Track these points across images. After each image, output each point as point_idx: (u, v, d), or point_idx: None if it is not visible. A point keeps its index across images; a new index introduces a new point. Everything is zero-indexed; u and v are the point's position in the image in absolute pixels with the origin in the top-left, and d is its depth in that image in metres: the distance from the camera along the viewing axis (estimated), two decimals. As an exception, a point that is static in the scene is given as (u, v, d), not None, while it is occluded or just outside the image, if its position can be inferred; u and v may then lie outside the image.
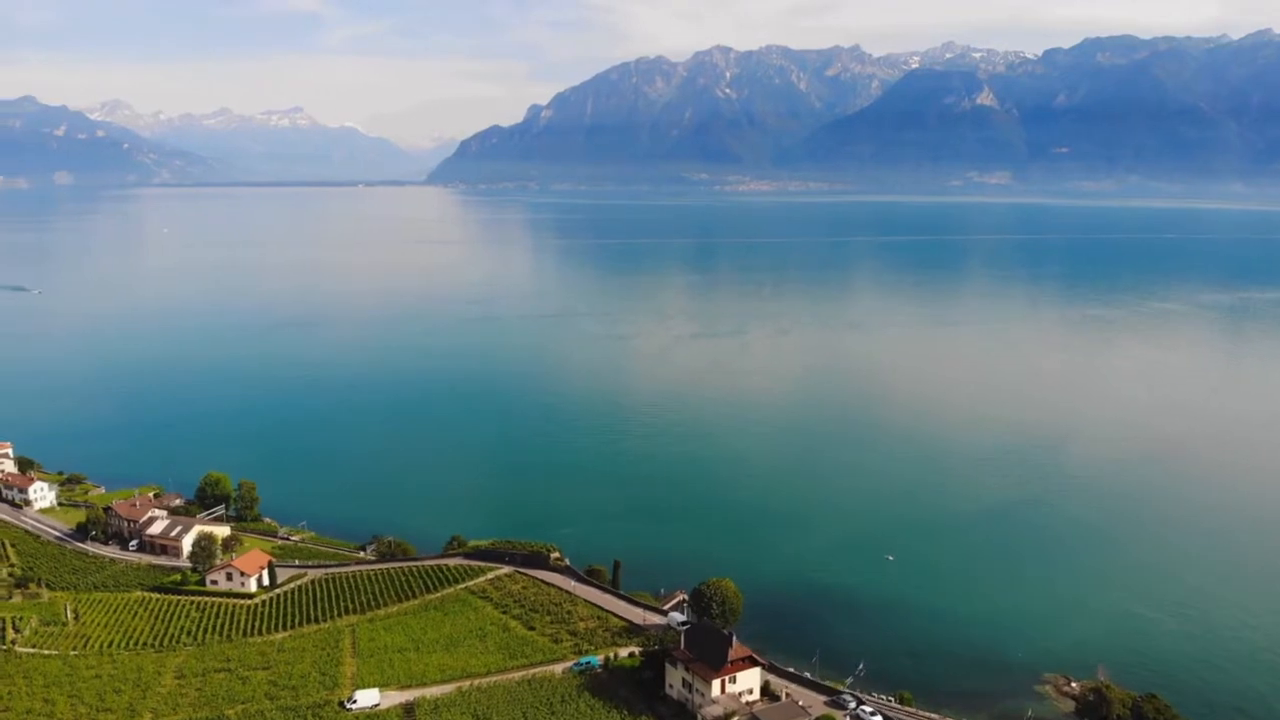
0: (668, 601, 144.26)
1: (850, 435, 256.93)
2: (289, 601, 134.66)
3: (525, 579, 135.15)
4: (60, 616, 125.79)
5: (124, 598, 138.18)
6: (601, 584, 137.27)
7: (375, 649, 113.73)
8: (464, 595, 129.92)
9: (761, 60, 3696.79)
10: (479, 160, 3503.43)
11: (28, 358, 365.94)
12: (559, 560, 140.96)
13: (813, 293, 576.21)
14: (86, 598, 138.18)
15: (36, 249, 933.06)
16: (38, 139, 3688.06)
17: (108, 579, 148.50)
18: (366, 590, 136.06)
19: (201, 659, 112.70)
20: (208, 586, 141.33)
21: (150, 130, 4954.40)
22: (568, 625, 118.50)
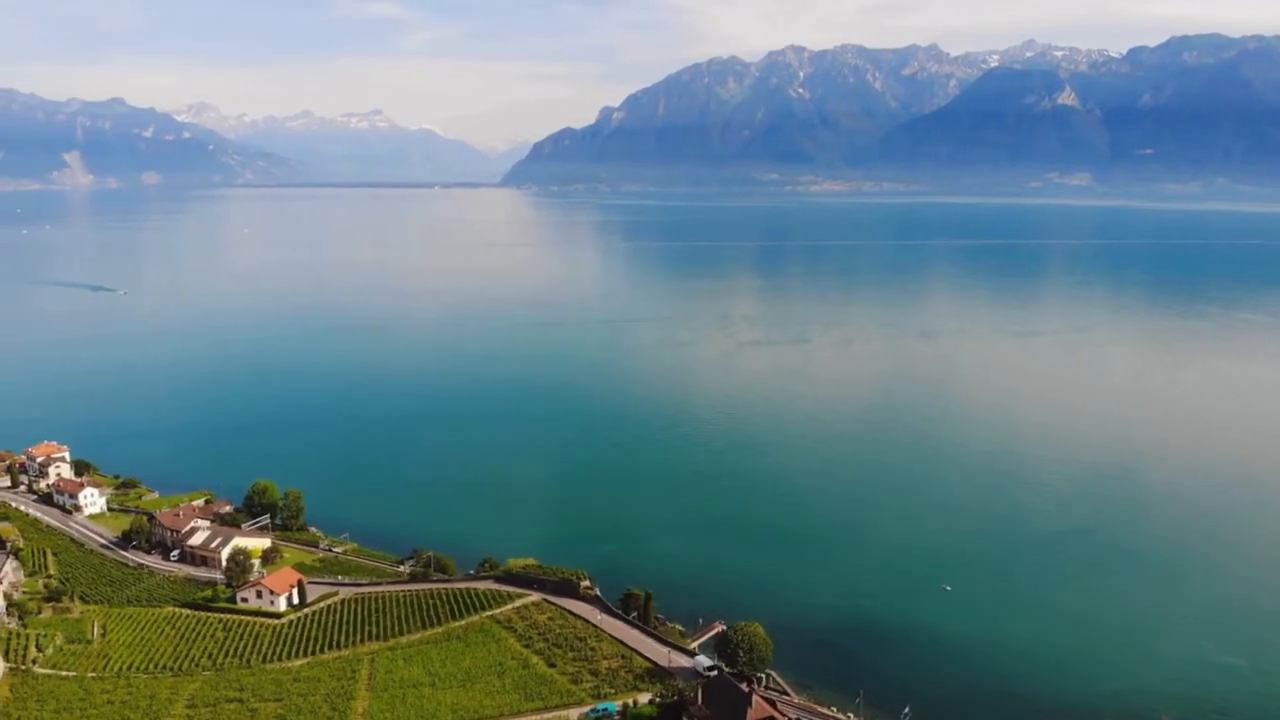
0: (707, 632, 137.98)
1: (912, 452, 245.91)
2: (315, 623, 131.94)
3: (552, 609, 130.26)
4: (86, 634, 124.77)
5: (154, 614, 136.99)
6: (629, 618, 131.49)
7: (391, 682, 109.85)
8: (488, 624, 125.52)
9: (836, 59, 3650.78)
10: (551, 162, 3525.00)
11: (101, 359, 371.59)
12: (589, 589, 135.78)
13: (881, 299, 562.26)
14: (118, 612, 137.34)
15: (125, 249, 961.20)
16: (127, 140, 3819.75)
17: (142, 592, 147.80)
18: (393, 614, 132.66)
19: (216, 686, 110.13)
20: (238, 604, 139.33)
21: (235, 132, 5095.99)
22: (590, 664, 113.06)
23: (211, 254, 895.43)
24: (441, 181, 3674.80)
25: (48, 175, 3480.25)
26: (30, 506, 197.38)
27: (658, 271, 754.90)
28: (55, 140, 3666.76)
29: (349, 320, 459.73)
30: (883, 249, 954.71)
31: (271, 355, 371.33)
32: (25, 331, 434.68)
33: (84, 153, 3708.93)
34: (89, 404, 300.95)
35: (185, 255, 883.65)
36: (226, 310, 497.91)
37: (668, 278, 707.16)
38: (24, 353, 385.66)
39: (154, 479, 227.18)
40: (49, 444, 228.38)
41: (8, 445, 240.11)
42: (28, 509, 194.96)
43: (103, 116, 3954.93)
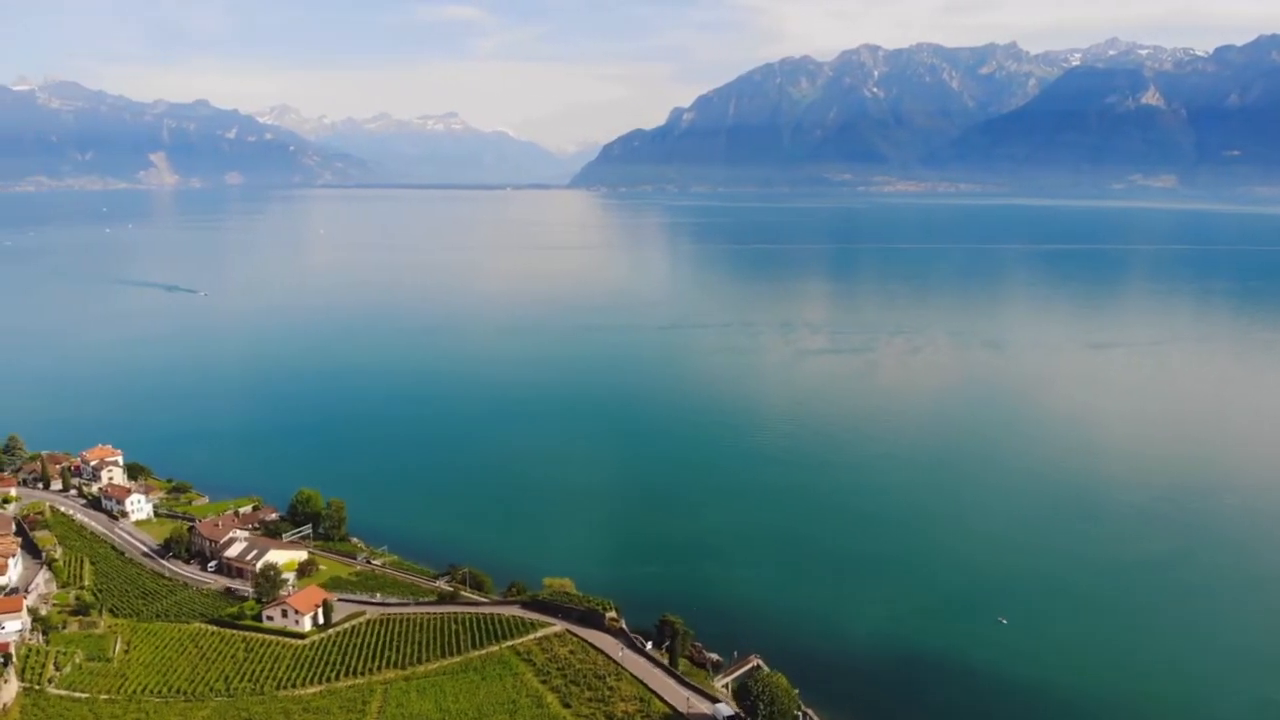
0: (741, 666, 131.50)
1: (973, 472, 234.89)
2: (335, 647, 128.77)
3: (575, 641, 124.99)
4: (107, 652, 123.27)
5: (179, 631, 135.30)
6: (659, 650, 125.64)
7: (400, 716, 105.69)
8: (508, 655, 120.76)
9: (912, 58, 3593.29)
10: (621, 163, 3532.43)
11: (172, 361, 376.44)
12: (614, 621, 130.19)
13: (950, 305, 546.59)
14: (145, 628, 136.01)
15: (207, 249, 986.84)
16: (211, 141, 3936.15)
17: (171, 606, 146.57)
18: (414, 640, 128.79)
19: (225, 715, 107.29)
20: (263, 623, 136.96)
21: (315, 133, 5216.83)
22: (606, 705, 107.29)
23: (288, 255, 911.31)
24: (512, 183, 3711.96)
25: (135, 175, 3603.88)
26: (79, 511, 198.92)
27: (721, 275, 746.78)
28: (142, 141, 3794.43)
29: (411, 323, 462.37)
30: (956, 253, 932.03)
31: (332, 360, 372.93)
32: (102, 332, 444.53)
33: (170, 153, 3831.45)
34: (152, 406, 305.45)
35: (264, 256, 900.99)
36: (296, 313, 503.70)
37: (730, 282, 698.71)
38: (96, 353, 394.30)
39: (206, 483, 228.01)
40: (103, 447, 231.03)
41: (67, 447, 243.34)
42: (76, 514, 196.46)
43: (188, 118, 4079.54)
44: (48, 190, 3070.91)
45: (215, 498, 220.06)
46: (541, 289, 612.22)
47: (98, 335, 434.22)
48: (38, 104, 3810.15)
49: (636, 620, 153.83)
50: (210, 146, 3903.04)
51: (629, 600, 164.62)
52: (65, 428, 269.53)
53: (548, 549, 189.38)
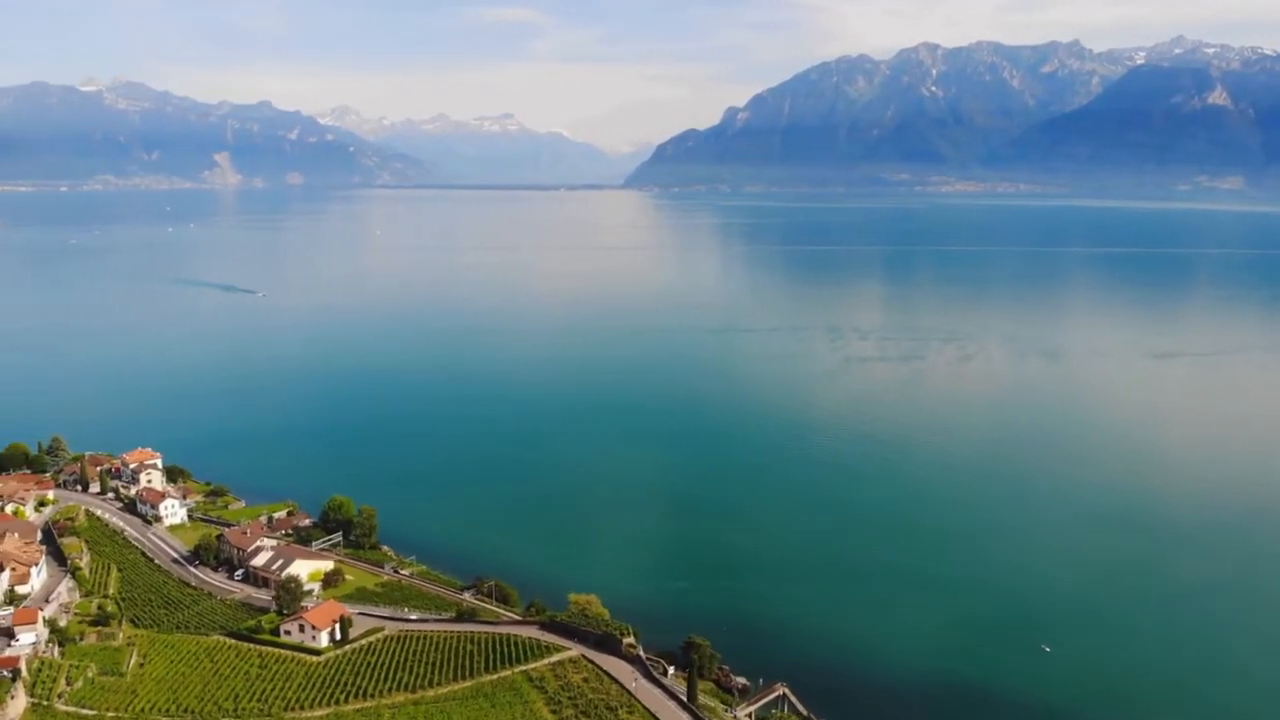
0: (767, 694, 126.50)
1: (1021, 489, 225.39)
2: (349, 665, 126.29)
3: (589, 668, 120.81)
4: (122, 665, 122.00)
5: (197, 643, 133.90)
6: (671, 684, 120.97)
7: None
8: (519, 681, 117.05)
9: (971, 56, 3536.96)
10: (674, 163, 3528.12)
11: (224, 362, 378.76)
12: (631, 648, 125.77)
13: (1006, 311, 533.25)
14: (164, 640, 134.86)
15: (267, 249, 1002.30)
16: (273, 142, 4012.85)
17: (193, 617, 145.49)
18: (428, 660, 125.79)
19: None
20: (281, 637, 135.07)
21: (374, 134, 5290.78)
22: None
23: (344, 256, 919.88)
24: (566, 184, 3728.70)
25: (199, 175, 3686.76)
26: (114, 515, 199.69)
27: (770, 277, 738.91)
28: (207, 141, 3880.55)
29: (458, 325, 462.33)
30: (1015, 255, 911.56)
31: (379, 363, 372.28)
32: (156, 332, 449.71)
33: (233, 153, 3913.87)
34: (198, 407, 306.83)
35: (322, 257, 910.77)
36: (348, 315, 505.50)
37: (779, 284, 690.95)
38: (149, 353, 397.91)
39: (243, 487, 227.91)
40: (143, 450, 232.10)
41: (110, 447, 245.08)
42: (111, 518, 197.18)
43: (251, 119, 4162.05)
44: (114, 189, 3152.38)
45: (252, 502, 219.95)
46: (588, 290, 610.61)
47: (152, 335, 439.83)
48: (105, 104, 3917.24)
49: (663, 639, 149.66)
50: (272, 147, 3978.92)
51: (657, 618, 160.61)
52: (110, 428, 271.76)
53: (578, 561, 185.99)
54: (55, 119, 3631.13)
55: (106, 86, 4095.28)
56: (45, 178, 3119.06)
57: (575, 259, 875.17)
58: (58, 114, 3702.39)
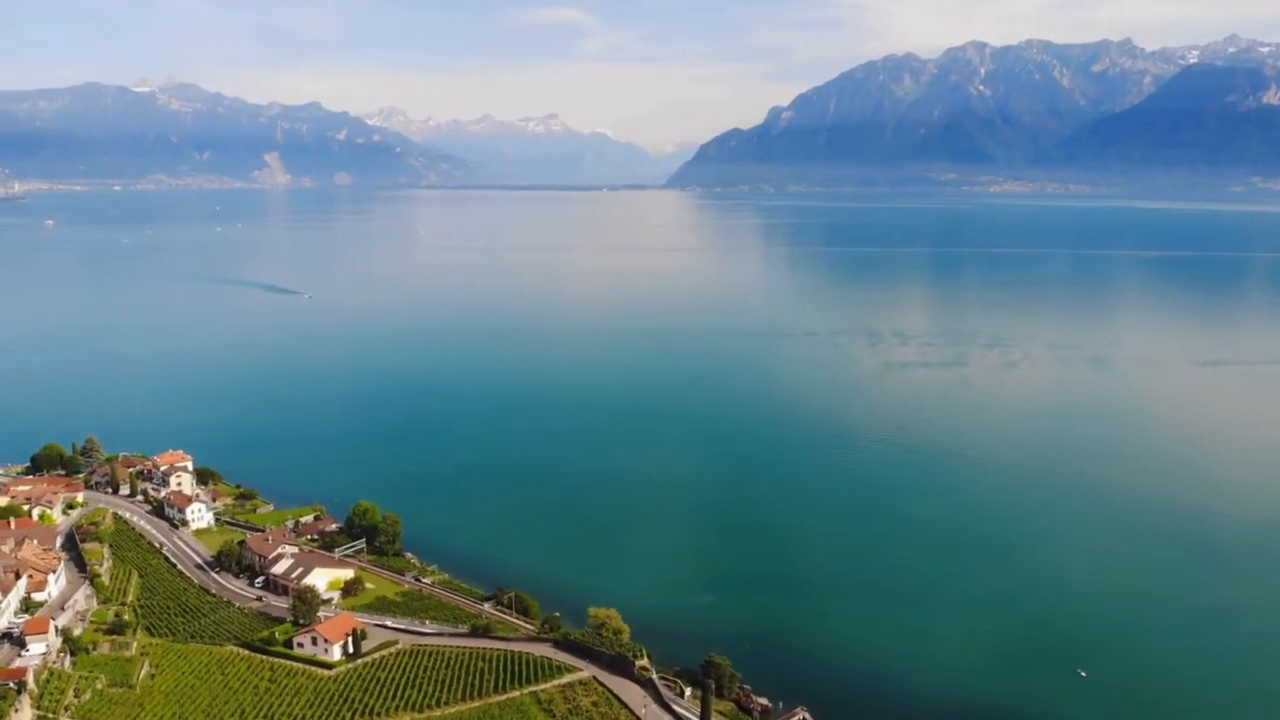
0: (786, 718, 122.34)
1: (1062, 505, 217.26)
2: (359, 680, 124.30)
3: (599, 691, 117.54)
4: (132, 677, 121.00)
5: (211, 654, 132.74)
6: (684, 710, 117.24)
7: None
8: (527, 703, 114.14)
9: (1020, 55, 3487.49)
10: (717, 163, 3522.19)
11: (263, 363, 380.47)
12: (644, 670, 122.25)
13: (1053, 315, 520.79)
14: (177, 650, 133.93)
15: (314, 250, 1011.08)
16: (322, 142, 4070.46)
17: (209, 626, 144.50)
18: (438, 677, 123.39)
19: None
20: (293, 649, 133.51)
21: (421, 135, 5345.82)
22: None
23: (388, 256, 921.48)
24: (609, 184, 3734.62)
25: (250, 174, 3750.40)
26: (142, 518, 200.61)
27: (810, 280, 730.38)
28: (257, 141, 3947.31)
29: (492, 328, 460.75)
30: (1064, 258, 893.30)
31: (414, 366, 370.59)
32: (198, 333, 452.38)
33: (283, 154, 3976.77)
34: (233, 409, 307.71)
35: (366, 256, 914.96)
36: (389, 316, 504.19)
37: (819, 287, 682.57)
38: (188, 354, 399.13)
39: (273, 490, 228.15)
40: (174, 453, 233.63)
41: (144, 448, 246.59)
42: (139, 521, 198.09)
43: (301, 120, 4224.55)
44: (167, 189, 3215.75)
45: (280, 505, 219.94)
46: (625, 293, 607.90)
47: (194, 336, 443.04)
48: (158, 105, 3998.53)
49: (684, 655, 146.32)
50: (321, 147, 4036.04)
51: (678, 633, 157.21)
52: (146, 428, 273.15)
53: (602, 571, 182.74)
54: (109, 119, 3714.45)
55: (160, 88, 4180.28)
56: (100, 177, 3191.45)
57: (613, 260, 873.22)
58: (112, 115, 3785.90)
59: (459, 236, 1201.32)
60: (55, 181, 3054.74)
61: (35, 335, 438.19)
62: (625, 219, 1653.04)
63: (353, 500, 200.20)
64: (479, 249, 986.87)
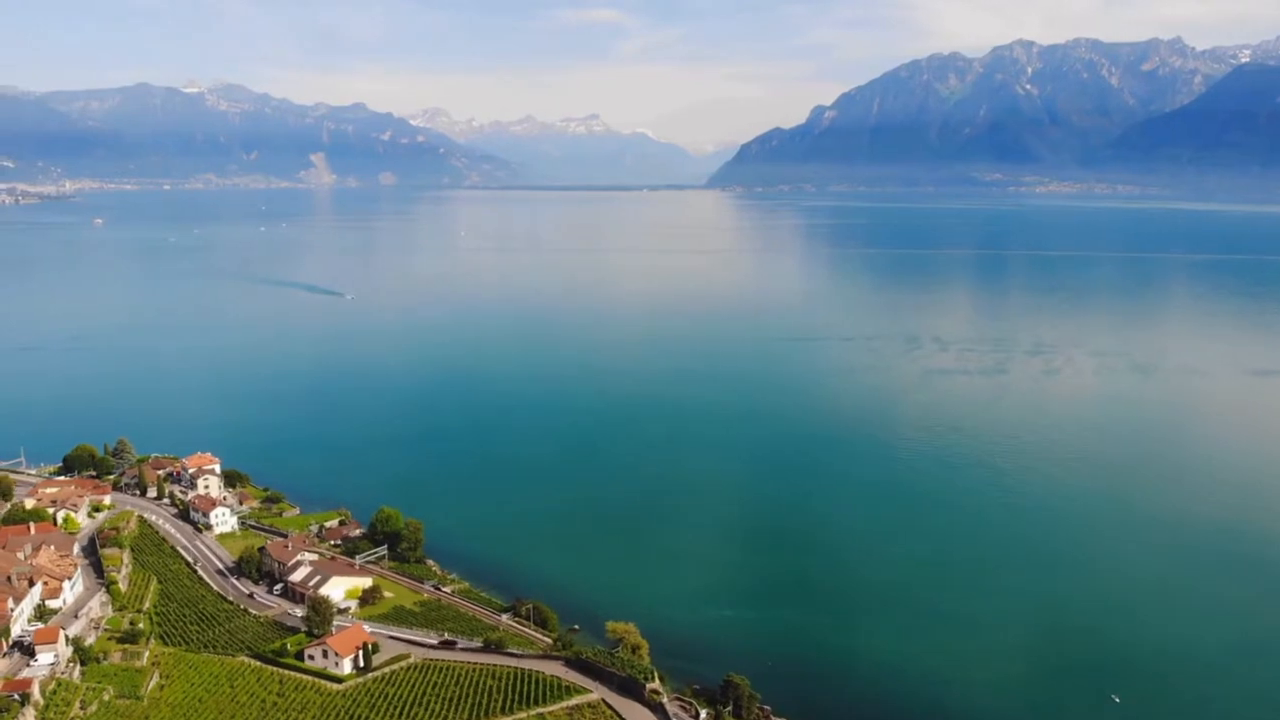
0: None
1: (1101, 518, 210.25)
2: (366, 697, 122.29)
3: (608, 715, 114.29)
4: (140, 688, 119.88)
5: (222, 665, 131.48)
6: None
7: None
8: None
9: (1068, 54, 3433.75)
10: (759, 163, 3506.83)
11: (297, 364, 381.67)
12: (655, 694, 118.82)
13: (1098, 321, 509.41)
14: (189, 659, 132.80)
15: (356, 250, 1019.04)
16: (367, 143, 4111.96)
17: (223, 635, 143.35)
18: (447, 695, 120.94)
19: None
20: (304, 662, 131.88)
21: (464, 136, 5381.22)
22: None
23: (428, 256, 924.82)
24: (648, 184, 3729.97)
25: (296, 174, 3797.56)
26: (167, 521, 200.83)
27: (849, 282, 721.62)
28: (304, 142, 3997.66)
29: (526, 331, 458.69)
30: (1109, 260, 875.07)
31: (446, 370, 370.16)
32: (237, 333, 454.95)
33: (329, 154, 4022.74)
34: (265, 411, 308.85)
35: (407, 257, 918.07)
36: (424, 319, 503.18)
37: (859, 290, 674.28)
38: (225, 355, 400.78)
39: (300, 494, 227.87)
40: (203, 455, 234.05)
41: (175, 450, 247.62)
42: (164, 524, 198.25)
43: (346, 120, 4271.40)
44: (215, 188, 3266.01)
45: (306, 509, 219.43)
46: (659, 296, 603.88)
47: (232, 336, 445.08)
48: (207, 106, 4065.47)
49: (703, 672, 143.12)
50: (366, 148, 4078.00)
51: (699, 649, 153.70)
52: (178, 430, 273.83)
53: (623, 582, 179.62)
54: (159, 120, 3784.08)
55: (208, 89, 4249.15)
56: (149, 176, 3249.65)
57: (649, 261, 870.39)
58: (161, 115, 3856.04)
59: (498, 237, 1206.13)
60: (106, 180, 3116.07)
61: (75, 334, 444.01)
62: (663, 219, 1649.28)
63: (378, 504, 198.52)
64: (517, 250, 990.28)
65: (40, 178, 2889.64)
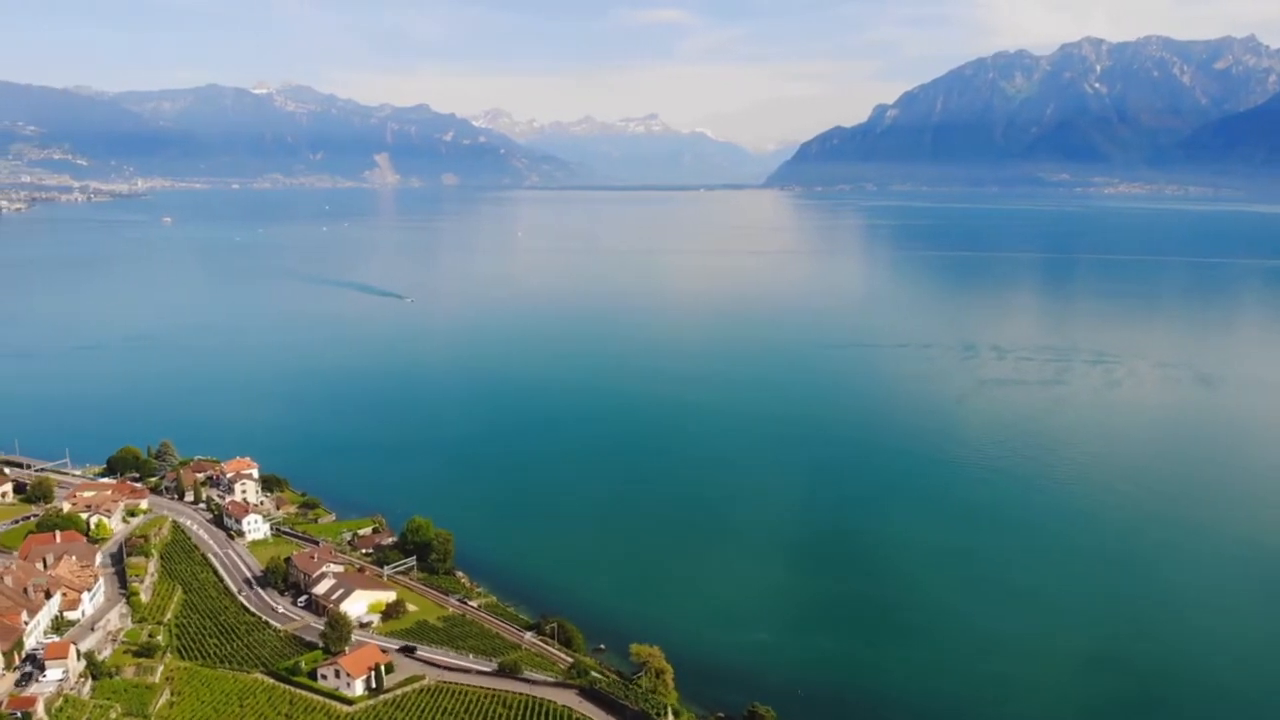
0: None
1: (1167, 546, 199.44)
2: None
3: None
4: (149, 706, 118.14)
5: (235, 682, 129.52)
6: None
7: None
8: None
9: (1138, 52, 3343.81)
10: (819, 162, 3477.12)
11: (349, 367, 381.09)
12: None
13: (1165, 330, 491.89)
14: (202, 675, 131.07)
15: (417, 250, 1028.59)
16: (430, 144, 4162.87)
17: (240, 649, 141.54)
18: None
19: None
20: (316, 681, 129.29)
21: (525, 136, 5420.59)
22: None
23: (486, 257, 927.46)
24: (706, 184, 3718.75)
25: (360, 174, 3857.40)
26: (201, 526, 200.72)
27: (907, 286, 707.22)
28: (368, 142, 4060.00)
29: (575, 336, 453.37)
30: (1179, 266, 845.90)
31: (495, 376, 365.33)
32: (292, 335, 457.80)
33: (392, 154, 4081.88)
34: (311, 414, 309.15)
35: (465, 258, 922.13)
36: (479, 323, 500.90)
37: (917, 294, 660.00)
38: (277, 357, 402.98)
39: (337, 499, 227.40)
40: (241, 459, 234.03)
41: (218, 453, 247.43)
42: (198, 529, 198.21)
43: (410, 121, 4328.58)
44: (282, 188, 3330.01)
45: (343, 515, 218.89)
46: (710, 298, 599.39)
47: (285, 338, 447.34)
48: (274, 106, 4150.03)
49: (729, 700, 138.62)
50: (429, 148, 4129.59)
51: (726, 675, 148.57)
52: (222, 432, 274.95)
53: (652, 599, 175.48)
54: (229, 120, 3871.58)
55: (276, 90, 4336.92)
56: (219, 175, 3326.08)
57: (702, 263, 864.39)
58: (231, 115, 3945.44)
59: (554, 237, 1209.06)
60: (177, 179, 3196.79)
61: (131, 333, 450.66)
62: (719, 219, 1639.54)
63: (414, 511, 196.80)
64: (570, 250, 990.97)
65: (113, 176, 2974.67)
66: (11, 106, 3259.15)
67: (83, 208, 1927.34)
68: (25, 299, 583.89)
